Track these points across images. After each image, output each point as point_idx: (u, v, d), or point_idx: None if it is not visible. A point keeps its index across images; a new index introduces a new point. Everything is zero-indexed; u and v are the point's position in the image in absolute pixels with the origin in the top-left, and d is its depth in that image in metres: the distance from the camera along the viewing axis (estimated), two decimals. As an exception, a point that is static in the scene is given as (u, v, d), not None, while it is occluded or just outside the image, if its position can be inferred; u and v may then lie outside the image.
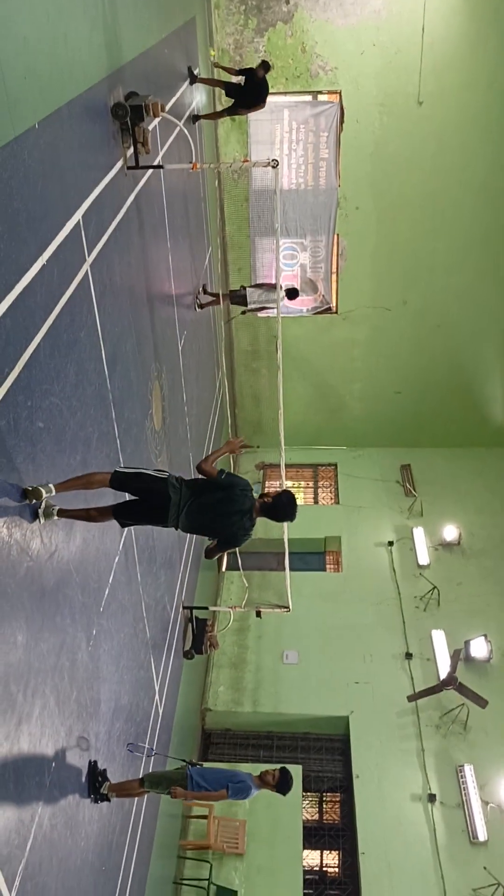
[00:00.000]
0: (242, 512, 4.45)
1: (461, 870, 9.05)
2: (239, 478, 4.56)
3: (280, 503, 4.45)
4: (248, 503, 4.46)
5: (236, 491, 4.45)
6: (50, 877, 4.16)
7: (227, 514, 4.42)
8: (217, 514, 4.42)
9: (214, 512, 4.41)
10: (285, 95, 12.35)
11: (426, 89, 11.92)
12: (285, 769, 5.61)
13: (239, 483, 4.50)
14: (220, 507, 4.41)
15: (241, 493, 4.46)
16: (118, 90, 5.67)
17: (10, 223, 3.66)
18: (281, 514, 4.48)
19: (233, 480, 4.49)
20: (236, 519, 4.45)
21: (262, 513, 4.50)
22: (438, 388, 15.02)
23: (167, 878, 8.33)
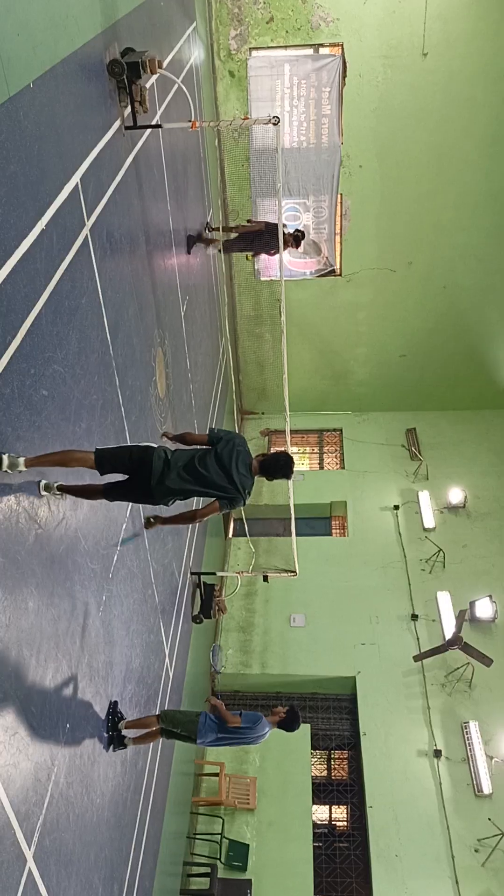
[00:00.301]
0: (248, 465, 4.45)
1: (466, 821, 9.29)
2: (234, 432, 4.53)
3: (278, 460, 4.47)
4: (247, 458, 4.45)
5: (235, 443, 4.44)
6: (67, 833, 4.28)
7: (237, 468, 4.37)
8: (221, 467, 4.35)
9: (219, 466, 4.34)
10: (286, 49, 12.01)
11: (431, 40, 11.55)
12: (293, 707, 5.80)
13: (235, 435, 4.49)
14: (235, 462, 4.36)
15: (241, 446, 4.46)
16: (114, 46, 5.51)
17: (7, 187, 3.60)
18: (278, 471, 4.48)
19: (228, 434, 4.47)
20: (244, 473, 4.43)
21: (260, 471, 4.50)
22: (444, 350, 14.89)
23: (181, 833, 8.56)
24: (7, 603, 3.50)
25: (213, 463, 4.32)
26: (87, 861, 4.67)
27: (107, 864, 5.10)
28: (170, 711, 6.11)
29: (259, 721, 5.76)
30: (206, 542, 10.68)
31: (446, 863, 8.98)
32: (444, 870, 8.94)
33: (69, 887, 4.28)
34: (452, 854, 9.03)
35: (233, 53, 11.96)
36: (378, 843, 9.27)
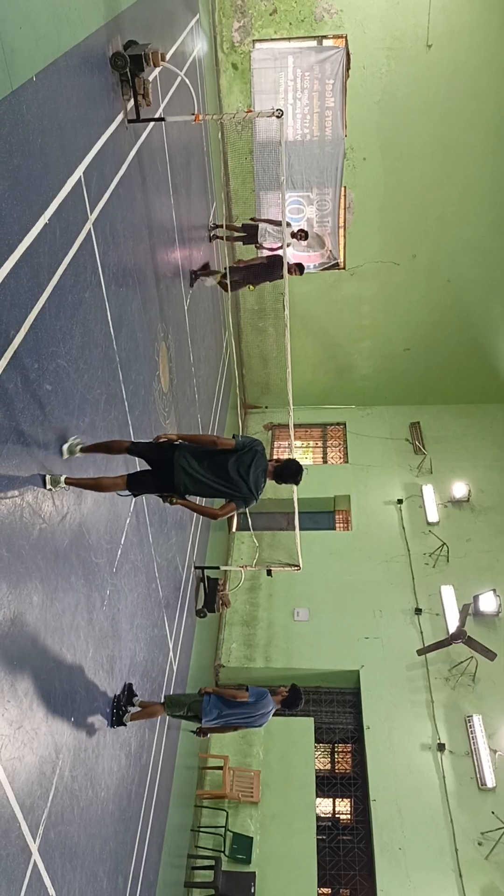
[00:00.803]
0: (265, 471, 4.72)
1: (470, 814, 9.31)
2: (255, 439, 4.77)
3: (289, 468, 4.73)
4: (264, 463, 4.72)
5: (258, 451, 4.70)
6: (72, 826, 4.30)
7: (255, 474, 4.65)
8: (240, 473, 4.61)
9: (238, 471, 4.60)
10: (289, 41, 11.95)
11: (435, 31, 11.48)
12: (295, 685, 5.82)
13: (257, 444, 4.74)
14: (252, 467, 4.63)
15: (261, 454, 4.72)
16: (117, 39, 5.49)
17: (10, 181, 3.59)
18: (288, 477, 4.74)
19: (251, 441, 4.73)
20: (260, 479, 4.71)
21: (273, 475, 4.75)
22: (448, 344, 14.84)
23: (185, 825, 8.60)
24: (12, 598, 3.50)
25: (234, 467, 4.59)
26: (92, 854, 4.69)
27: (111, 857, 5.13)
28: (174, 696, 6.18)
29: (264, 697, 5.78)
30: (210, 537, 10.69)
31: (450, 856, 9.01)
32: (447, 863, 8.96)
33: (74, 880, 4.31)
34: (456, 847, 9.05)
35: (236, 46, 11.90)
36: (382, 836, 9.30)
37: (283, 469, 4.73)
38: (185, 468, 4.51)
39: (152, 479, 4.63)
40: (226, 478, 4.58)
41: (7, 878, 3.38)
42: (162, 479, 4.58)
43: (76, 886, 4.34)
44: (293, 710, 5.88)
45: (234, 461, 4.60)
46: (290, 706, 5.80)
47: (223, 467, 4.57)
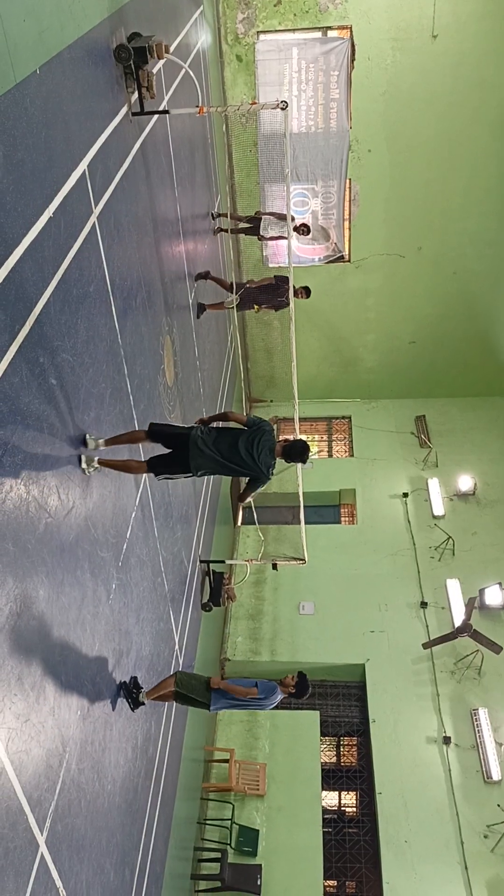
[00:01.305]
0: (272, 449, 5.03)
1: (475, 807, 9.32)
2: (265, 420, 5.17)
3: (296, 447, 5.10)
4: (271, 442, 5.05)
5: (266, 430, 5.04)
6: (79, 818, 4.32)
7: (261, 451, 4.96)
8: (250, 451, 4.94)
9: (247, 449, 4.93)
10: (294, 33, 11.87)
11: (441, 22, 11.39)
12: (302, 673, 5.86)
13: (266, 424, 5.09)
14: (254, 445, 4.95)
15: (269, 433, 5.06)
16: (120, 31, 5.46)
17: (14, 175, 3.58)
18: (296, 456, 5.11)
19: (260, 421, 5.10)
20: (267, 456, 5.01)
21: (282, 454, 5.10)
22: (454, 337, 14.78)
23: (191, 818, 8.64)
24: (18, 592, 3.51)
25: (243, 445, 4.92)
26: (99, 846, 4.71)
27: (118, 850, 5.15)
28: (186, 674, 6.17)
29: (273, 692, 5.83)
30: (216, 531, 10.69)
31: (455, 849, 9.03)
32: (453, 856, 8.98)
33: (81, 872, 4.33)
34: (462, 840, 9.07)
35: (240, 37, 11.83)
36: (387, 828, 9.32)
37: (291, 448, 5.06)
38: (199, 447, 4.84)
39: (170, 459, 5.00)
40: (236, 456, 4.88)
41: (15, 871, 3.39)
42: (178, 460, 4.93)
43: (83, 879, 4.36)
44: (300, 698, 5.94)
45: (243, 440, 4.91)
46: (298, 696, 5.86)
47: (234, 445, 4.88)
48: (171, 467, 5.03)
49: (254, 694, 5.80)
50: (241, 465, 4.96)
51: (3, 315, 3.43)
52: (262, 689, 5.82)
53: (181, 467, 4.99)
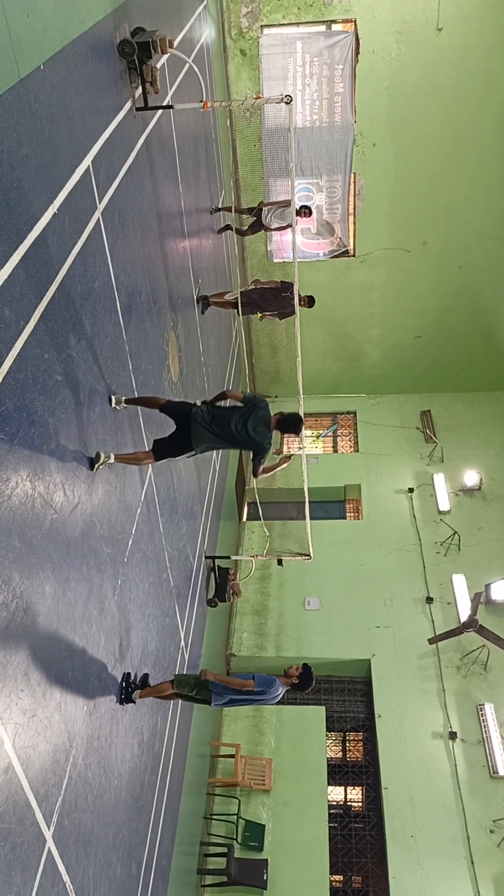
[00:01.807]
0: (267, 423, 5.34)
1: (482, 802, 9.32)
2: (259, 397, 5.47)
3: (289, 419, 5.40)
4: (265, 416, 5.37)
5: (260, 406, 5.36)
6: (86, 813, 4.34)
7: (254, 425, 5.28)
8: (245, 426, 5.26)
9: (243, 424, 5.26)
10: (298, 26, 11.82)
11: (446, 14, 11.32)
12: (307, 665, 5.73)
13: (260, 400, 5.40)
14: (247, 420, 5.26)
15: (263, 408, 5.37)
16: (124, 26, 5.44)
17: (19, 170, 3.57)
18: (291, 427, 5.40)
19: (255, 398, 5.42)
20: (262, 429, 5.32)
21: (277, 425, 5.40)
22: (459, 331, 14.73)
23: (198, 813, 8.66)
24: (24, 587, 3.52)
25: (240, 421, 5.26)
26: (106, 841, 4.73)
27: (125, 844, 5.17)
28: (182, 675, 6.06)
29: (272, 684, 5.69)
30: (221, 526, 10.70)
31: (462, 844, 9.03)
32: (459, 850, 8.99)
33: (88, 867, 4.34)
34: (468, 835, 9.07)
35: (244, 31, 11.79)
36: (393, 823, 9.34)
37: (285, 420, 5.38)
38: (199, 423, 5.18)
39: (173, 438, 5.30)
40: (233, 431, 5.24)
41: (22, 866, 3.41)
42: (180, 434, 5.24)
43: (90, 873, 4.38)
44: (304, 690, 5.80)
45: (239, 416, 5.27)
46: (301, 688, 5.71)
47: (230, 422, 5.24)
48: (173, 448, 5.34)
49: (250, 686, 5.67)
50: (238, 440, 5.31)
51: (8, 311, 3.43)
52: (259, 682, 5.70)
53: (182, 446, 5.30)
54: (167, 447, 5.35)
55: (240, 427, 5.26)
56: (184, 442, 5.28)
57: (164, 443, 5.37)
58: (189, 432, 5.22)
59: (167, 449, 5.34)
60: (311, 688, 5.76)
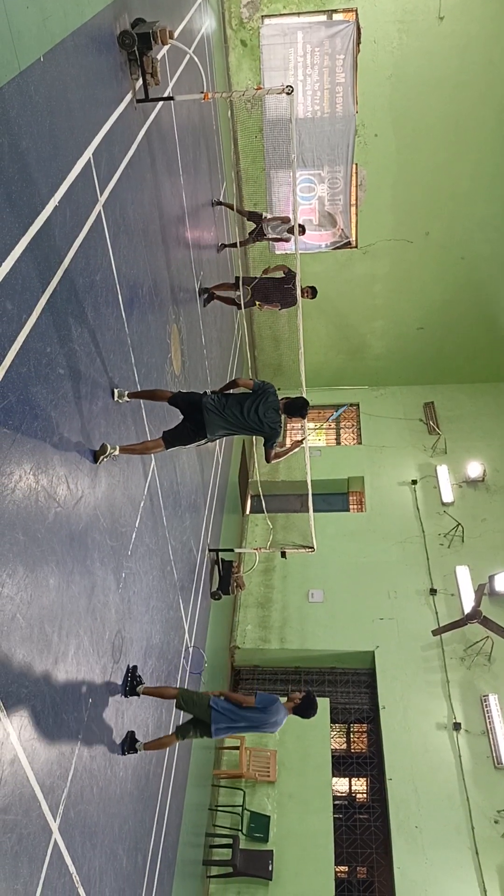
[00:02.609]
0: (276, 408, 5.57)
1: (486, 793, 9.36)
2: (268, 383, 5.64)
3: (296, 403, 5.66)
4: (274, 402, 5.59)
5: (269, 391, 5.56)
6: (91, 805, 4.36)
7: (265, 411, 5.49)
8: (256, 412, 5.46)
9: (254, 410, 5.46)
10: (298, 16, 11.73)
11: (447, 3, 11.22)
12: (310, 693, 5.57)
13: (269, 386, 5.61)
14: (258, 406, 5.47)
15: (272, 394, 5.57)
16: (124, 17, 5.41)
17: (19, 163, 3.56)
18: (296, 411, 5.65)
19: (265, 384, 5.60)
20: (272, 415, 5.53)
21: (284, 410, 5.65)
22: (462, 322, 14.68)
23: (203, 804, 8.71)
24: (29, 580, 3.52)
25: (252, 408, 5.46)
26: (112, 832, 4.76)
27: (130, 836, 5.20)
28: (187, 690, 5.86)
29: (274, 703, 5.50)
30: (224, 519, 10.71)
31: (466, 834, 9.07)
32: (464, 841, 9.02)
33: (94, 858, 4.37)
34: (472, 825, 9.11)
35: (245, 22, 11.70)
36: (398, 814, 9.37)
37: (291, 405, 5.64)
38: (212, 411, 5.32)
39: (184, 427, 5.41)
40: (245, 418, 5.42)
41: (29, 857, 3.43)
42: (193, 423, 5.35)
43: (96, 864, 4.41)
44: (306, 718, 5.58)
45: (250, 403, 5.45)
46: (302, 714, 5.52)
47: (242, 408, 5.42)
48: (184, 437, 5.45)
49: (251, 703, 5.49)
50: (250, 426, 5.48)
51: (10, 304, 3.42)
52: (260, 699, 5.51)
53: (193, 434, 5.41)
54: (178, 436, 5.45)
55: (251, 413, 5.44)
56: (195, 430, 5.39)
57: (174, 433, 5.45)
58: (200, 420, 5.34)
59: (178, 437, 5.45)
60: (312, 715, 5.55)
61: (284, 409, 5.65)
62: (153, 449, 5.39)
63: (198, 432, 5.41)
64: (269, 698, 5.54)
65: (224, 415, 5.38)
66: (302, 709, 5.50)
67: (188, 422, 5.44)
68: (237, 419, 5.44)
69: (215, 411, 5.36)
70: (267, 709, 5.46)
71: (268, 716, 5.46)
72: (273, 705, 5.48)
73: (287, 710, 5.53)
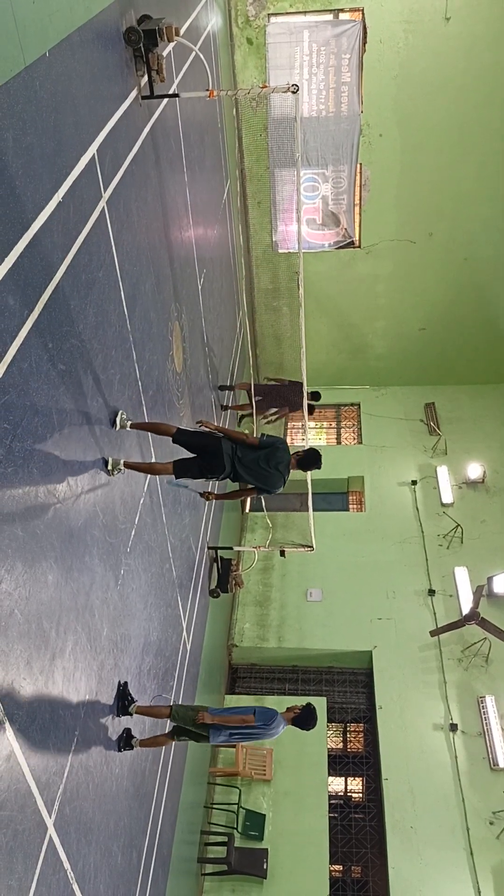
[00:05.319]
0: (285, 465, 5.51)
1: (482, 794, 9.36)
2: (278, 438, 5.57)
3: (310, 457, 5.59)
4: (287, 458, 5.49)
5: (279, 448, 5.46)
6: (87, 801, 4.36)
7: (273, 468, 5.44)
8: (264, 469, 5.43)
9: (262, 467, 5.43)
10: (305, 15, 11.72)
11: (454, 3, 11.20)
12: (310, 706, 5.51)
13: (279, 442, 5.50)
14: (268, 463, 5.43)
15: (283, 451, 5.47)
16: (130, 14, 5.40)
17: (23, 159, 3.55)
18: (311, 465, 5.59)
19: (274, 441, 5.50)
20: (281, 471, 5.49)
21: (297, 466, 5.57)
22: (464, 324, 14.67)
23: (198, 802, 8.72)
24: (27, 576, 3.53)
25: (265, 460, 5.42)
26: (107, 829, 4.76)
27: (126, 833, 5.21)
28: (181, 706, 5.80)
29: (274, 718, 5.47)
30: (224, 517, 10.71)
31: (461, 835, 9.08)
32: (458, 842, 9.03)
33: (89, 854, 4.38)
34: (467, 826, 9.11)
35: (251, 20, 11.69)
36: (393, 814, 9.38)
37: (305, 459, 5.57)
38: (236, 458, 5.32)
39: (197, 463, 5.37)
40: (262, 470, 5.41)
41: (23, 853, 3.43)
42: (206, 464, 5.32)
43: (91, 861, 4.41)
44: (305, 730, 5.57)
45: (263, 457, 5.40)
46: (302, 725, 5.50)
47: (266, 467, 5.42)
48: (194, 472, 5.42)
49: (250, 721, 5.43)
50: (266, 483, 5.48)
51: (12, 300, 3.42)
52: (260, 716, 5.45)
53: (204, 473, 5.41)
54: (189, 469, 5.41)
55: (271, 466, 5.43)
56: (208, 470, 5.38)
57: (186, 464, 5.42)
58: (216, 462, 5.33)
59: (189, 470, 5.42)
60: (311, 727, 5.53)
61: (298, 465, 5.59)
62: (160, 472, 5.42)
63: (211, 471, 5.40)
64: (269, 713, 5.50)
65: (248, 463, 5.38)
66: (301, 720, 5.48)
67: (202, 460, 5.41)
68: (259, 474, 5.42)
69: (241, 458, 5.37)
70: (267, 724, 5.43)
71: (267, 729, 5.45)
72: (273, 720, 5.46)
73: (286, 720, 5.50)
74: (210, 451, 5.35)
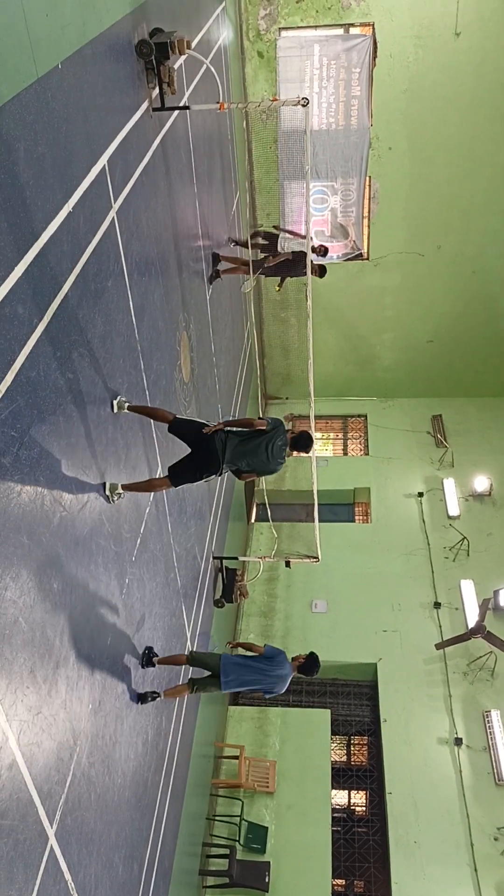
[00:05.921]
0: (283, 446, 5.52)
1: (486, 809, 9.27)
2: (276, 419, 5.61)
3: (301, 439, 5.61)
4: (285, 438, 5.54)
5: (279, 430, 5.48)
6: (88, 812, 4.34)
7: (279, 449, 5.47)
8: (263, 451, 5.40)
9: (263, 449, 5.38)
10: (315, 29, 11.81)
11: (464, 19, 11.28)
12: (313, 654, 6.01)
13: (278, 423, 5.54)
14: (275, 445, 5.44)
15: (282, 431, 5.50)
16: (142, 27, 5.45)
17: (34, 169, 3.58)
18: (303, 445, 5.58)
19: (276, 422, 5.54)
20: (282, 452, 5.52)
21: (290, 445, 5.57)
22: (472, 336, 14.67)
23: (200, 814, 8.66)
24: (32, 584, 3.53)
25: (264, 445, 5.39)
26: (108, 840, 4.73)
27: (127, 844, 5.17)
28: (198, 653, 6.42)
29: (280, 654, 5.99)
30: (229, 527, 10.70)
31: (465, 850, 8.99)
32: (462, 857, 8.94)
33: (90, 865, 4.35)
34: (472, 842, 9.02)
35: (262, 34, 11.80)
36: (397, 829, 9.30)
37: (297, 440, 5.58)
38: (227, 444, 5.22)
39: (191, 463, 5.29)
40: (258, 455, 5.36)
41: (24, 863, 3.41)
42: (201, 458, 5.25)
43: (92, 872, 4.39)
44: (310, 676, 6.05)
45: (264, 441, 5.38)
46: (306, 672, 5.96)
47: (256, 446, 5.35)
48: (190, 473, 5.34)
49: (260, 650, 6.06)
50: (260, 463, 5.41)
51: (21, 309, 3.44)
52: (269, 650, 6.05)
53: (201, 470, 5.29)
54: (185, 471, 5.31)
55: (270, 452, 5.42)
56: (203, 465, 5.27)
57: (180, 468, 5.32)
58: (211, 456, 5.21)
59: (185, 473, 5.32)
60: (315, 673, 5.99)
61: (291, 444, 5.56)
62: (159, 487, 5.34)
63: (206, 468, 5.28)
64: (276, 650, 6.05)
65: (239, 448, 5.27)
66: (306, 667, 5.96)
67: (196, 455, 5.29)
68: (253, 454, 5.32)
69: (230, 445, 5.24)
70: (274, 658, 5.98)
71: (274, 666, 5.93)
72: (279, 656, 6.00)
73: (293, 667, 5.98)
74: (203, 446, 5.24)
